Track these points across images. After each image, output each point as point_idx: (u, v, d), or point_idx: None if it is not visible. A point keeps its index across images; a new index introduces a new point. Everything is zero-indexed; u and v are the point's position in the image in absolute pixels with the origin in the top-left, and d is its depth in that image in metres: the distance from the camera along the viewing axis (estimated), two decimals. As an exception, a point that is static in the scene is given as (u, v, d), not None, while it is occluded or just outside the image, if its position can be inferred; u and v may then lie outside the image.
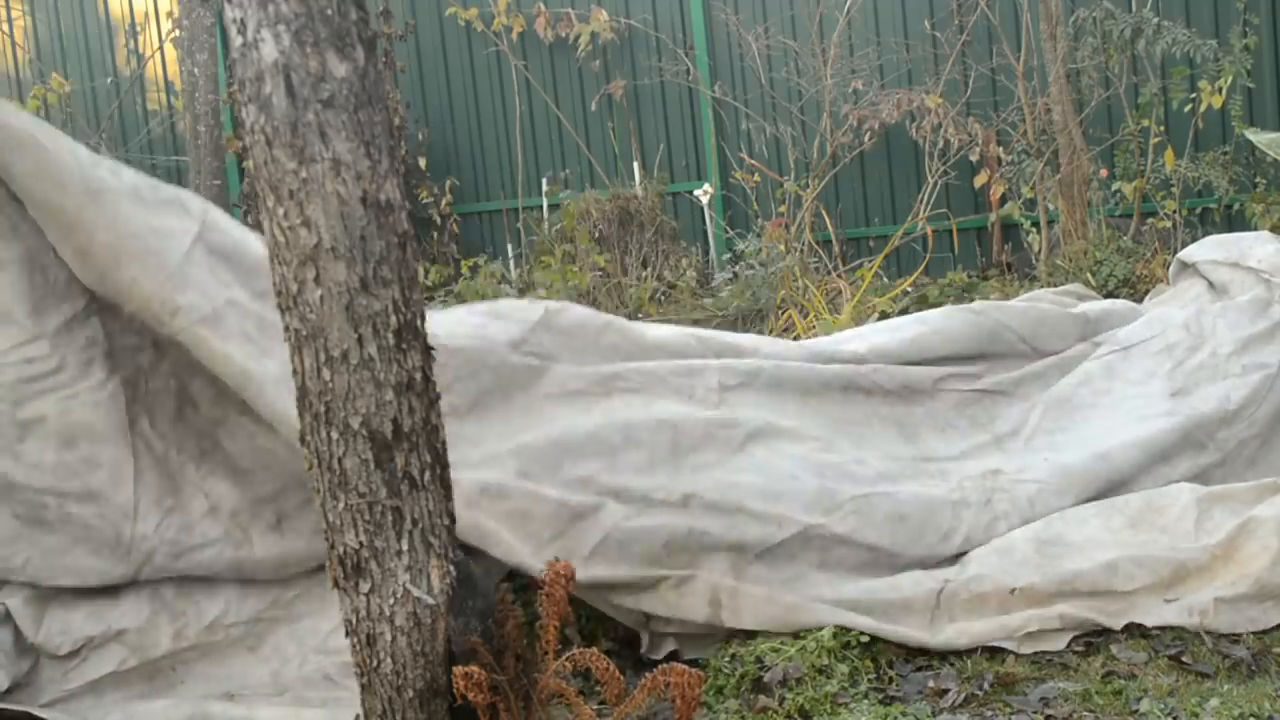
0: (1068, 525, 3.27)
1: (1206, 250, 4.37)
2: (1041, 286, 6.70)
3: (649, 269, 7.45)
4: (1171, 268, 4.57)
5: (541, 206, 8.73)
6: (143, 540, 2.97)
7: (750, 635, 3.04)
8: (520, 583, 3.22)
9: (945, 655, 3.02)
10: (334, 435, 2.26)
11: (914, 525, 3.28)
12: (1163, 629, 3.03)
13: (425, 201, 8.84)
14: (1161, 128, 7.15)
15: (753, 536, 3.13)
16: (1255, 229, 6.71)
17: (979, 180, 7.63)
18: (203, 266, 2.95)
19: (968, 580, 3.13)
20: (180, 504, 3.03)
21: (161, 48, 9.65)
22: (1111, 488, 3.46)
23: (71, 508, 2.92)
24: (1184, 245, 6.61)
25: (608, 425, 3.21)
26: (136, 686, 2.97)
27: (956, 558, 3.28)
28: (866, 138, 7.85)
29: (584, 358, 3.39)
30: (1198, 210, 7.27)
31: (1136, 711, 2.68)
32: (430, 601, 2.31)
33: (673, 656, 3.08)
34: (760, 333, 6.18)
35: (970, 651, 3.01)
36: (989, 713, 2.75)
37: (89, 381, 2.94)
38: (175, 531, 3.01)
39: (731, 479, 3.20)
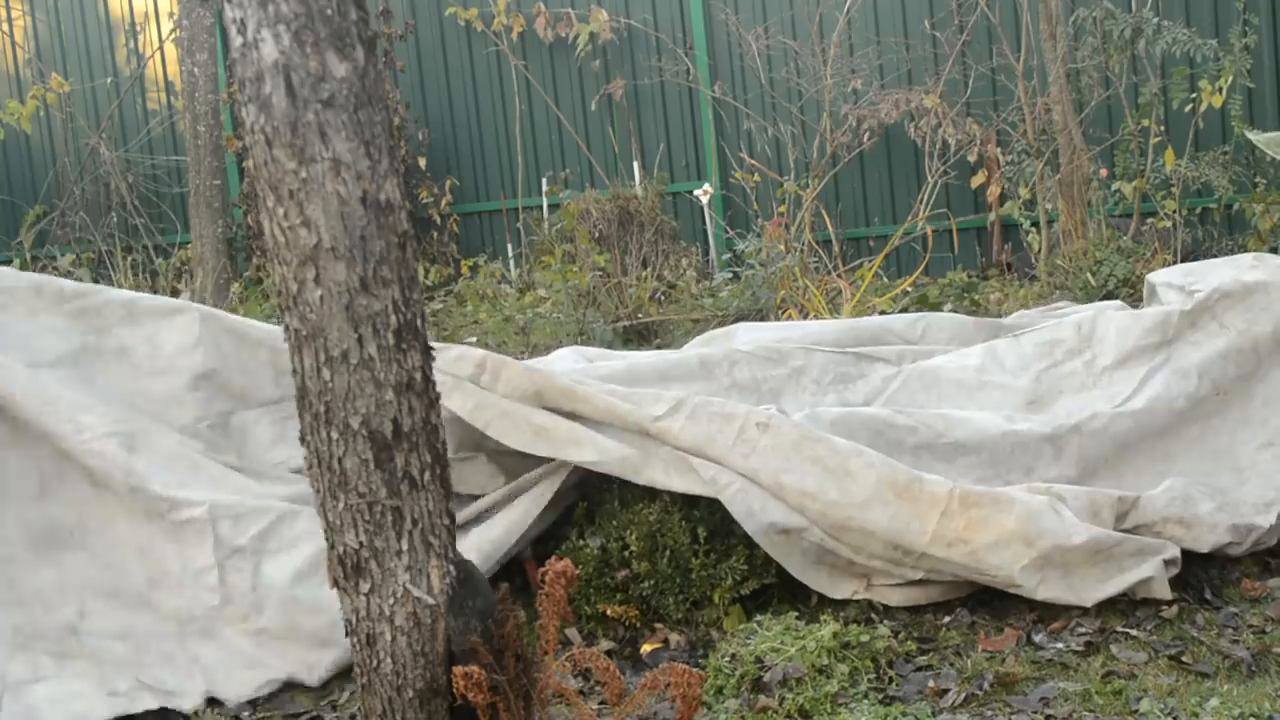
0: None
1: (1169, 274, 4.27)
2: (1042, 286, 6.70)
3: (649, 269, 7.43)
4: (1145, 288, 4.49)
5: (541, 206, 8.73)
6: None
7: (749, 634, 3.04)
8: (520, 583, 3.22)
9: (944, 654, 3.02)
10: (334, 435, 2.26)
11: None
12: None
13: (425, 201, 8.84)
14: (1161, 127, 7.14)
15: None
16: (1255, 229, 6.72)
17: (978, 180, 7.63)
18: None
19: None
20: None
21: (161, 48, 9.65)
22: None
23: None
24: (1184, 245, 6.63)
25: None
26: None
27: None
28: (866, 138, 7.85)
29: None
30: (1198, 210, 7.27)
31: (1136, 711, 2.68)
32: (430, 601, 2.31)
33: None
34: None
35: (969, 651, 3.02)
36: (989, 713, 2.75)
37: None
38: None
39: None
